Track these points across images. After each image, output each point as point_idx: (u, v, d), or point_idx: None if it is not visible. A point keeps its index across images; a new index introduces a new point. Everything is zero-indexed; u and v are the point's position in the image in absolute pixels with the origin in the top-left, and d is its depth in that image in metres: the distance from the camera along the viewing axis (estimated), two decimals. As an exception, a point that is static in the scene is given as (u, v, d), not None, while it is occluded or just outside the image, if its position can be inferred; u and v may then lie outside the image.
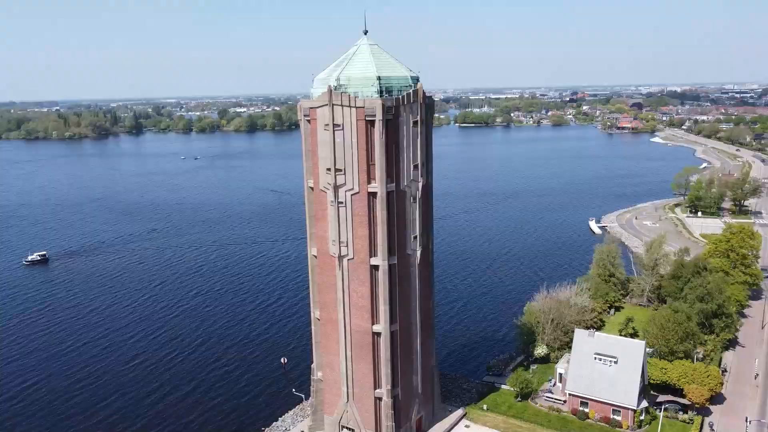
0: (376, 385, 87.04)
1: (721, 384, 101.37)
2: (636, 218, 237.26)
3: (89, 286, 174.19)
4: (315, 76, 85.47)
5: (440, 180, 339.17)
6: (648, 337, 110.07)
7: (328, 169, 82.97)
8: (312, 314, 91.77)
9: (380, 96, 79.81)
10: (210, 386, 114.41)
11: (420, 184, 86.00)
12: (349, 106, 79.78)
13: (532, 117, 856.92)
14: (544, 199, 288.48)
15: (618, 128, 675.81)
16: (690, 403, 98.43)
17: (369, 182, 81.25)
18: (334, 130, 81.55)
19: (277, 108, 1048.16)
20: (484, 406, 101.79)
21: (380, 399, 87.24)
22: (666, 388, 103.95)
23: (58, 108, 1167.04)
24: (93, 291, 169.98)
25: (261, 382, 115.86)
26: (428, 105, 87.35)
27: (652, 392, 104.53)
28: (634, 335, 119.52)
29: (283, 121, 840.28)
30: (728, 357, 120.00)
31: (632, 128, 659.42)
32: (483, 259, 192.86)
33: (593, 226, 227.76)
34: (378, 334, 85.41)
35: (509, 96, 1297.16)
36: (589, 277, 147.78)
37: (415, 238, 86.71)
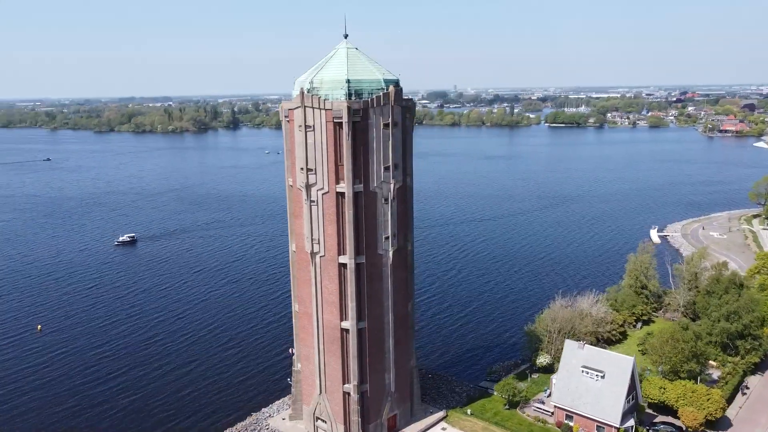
0: (345, 380, 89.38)
1: (723, 409, 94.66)
2: (703, 228, 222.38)
3: (170, 265, 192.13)
4: (296, 79, 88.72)
5: (504, 181, 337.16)
6: (652, 355, 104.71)
7: (302, 169, 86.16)
8: (292, 307, 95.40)
9: (349, 98, 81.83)
10: (218, 368, 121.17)
11: (392, 186, 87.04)
12: (320, 109, 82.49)
13: (628, 118, 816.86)
14: (609, 204, 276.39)
15: (720, 131, 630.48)
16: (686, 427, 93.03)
17: (338, 182, 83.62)
18: (306, 131, 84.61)
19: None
20: (468, 411, 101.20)
21: (348, 394, 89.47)
22: (667, 409, 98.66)
23: (170, 103, 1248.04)
24: (173, 269, 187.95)
25: (267, 369, 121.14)
26: (405, 107, 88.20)
27: (650, 411, 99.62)
28: (646, 352, 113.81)
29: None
30: (754, 381, 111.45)
31: (736, 131, 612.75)
32: (517, 263, 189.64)
33: (653, 235, 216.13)
34: (346, 331, 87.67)
35: (612, 95, 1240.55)
36: (619, 288, 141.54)
37: (387, 238, 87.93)
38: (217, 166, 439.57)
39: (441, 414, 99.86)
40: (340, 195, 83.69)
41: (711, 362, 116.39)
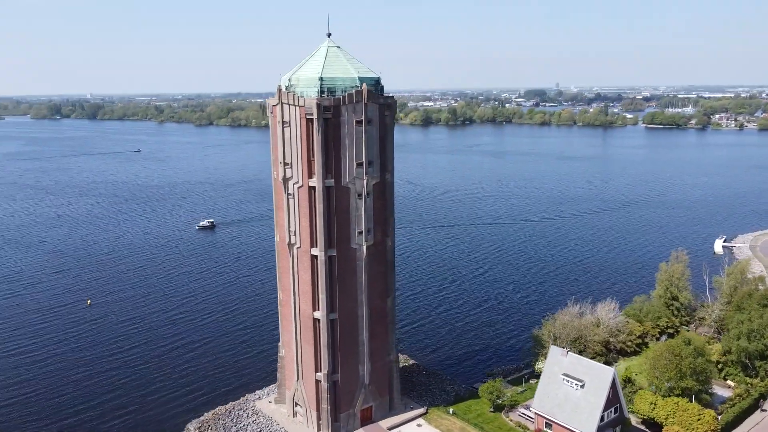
0: (317, 368, 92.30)
1: (714, 431, 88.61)
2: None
3: (247, 249, 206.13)
4: (281, 75, 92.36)
5: (572, 183, 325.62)
6: (648, 369, 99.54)
7: (281, 163, 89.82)
8: (278, 296, 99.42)
9: (322, 95, 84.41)
10: (229, 351, 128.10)
11: (366, 182, 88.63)
12: (295, 105, 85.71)
13: (735, 120, 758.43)
14: (677, 210, 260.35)
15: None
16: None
17: (310, 176, 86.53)
18: (283, 127, 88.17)
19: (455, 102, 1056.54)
20: (450, 410, 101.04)
21: (320, 382, 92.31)
22: (657, 426, 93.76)
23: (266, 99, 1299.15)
24: (249, 252, 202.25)
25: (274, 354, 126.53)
26: (383, 105, 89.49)
27: (640, 427, 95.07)
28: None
29: (457, 116, 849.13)
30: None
31: None
32: (550, 266, 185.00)
33: (717, 245, 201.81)
34: (318, 321, 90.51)
35: (726, 95, 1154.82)
36: (645, 299, 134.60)
37: (360, 233, 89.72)
38: None
39: (421, 410, 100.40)
40: (312, 189, 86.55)
41: (729, 382, 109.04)
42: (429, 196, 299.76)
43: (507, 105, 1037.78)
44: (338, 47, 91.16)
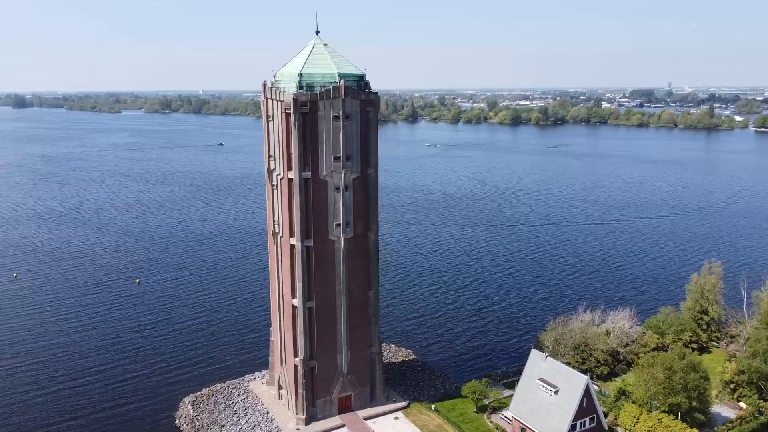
0: (296, 354, 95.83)
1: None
2: None
3: None
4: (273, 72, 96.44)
5: (643, 187, 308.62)
6: (636, 381, 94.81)
7: (268, 155, 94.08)
8: (269, 282, 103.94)
9: (300, 91, 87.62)
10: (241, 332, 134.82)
11: (344, 176, 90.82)
12: (277, 100, 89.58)
13: None
14: (750, 220, 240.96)
15: None
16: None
17: (290, 169, 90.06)
18: (268, 121, 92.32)
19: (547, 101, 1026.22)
20: (433, 406, 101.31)
21: (297, 367, 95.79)
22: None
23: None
24: None
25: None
26: (365, 101, 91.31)
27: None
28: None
29: (548, 115, 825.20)
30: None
31: None
32: (584, 270, 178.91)
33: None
34: (296, 308, 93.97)
35: None
36: (671, 310, 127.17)
37: (338, 225, 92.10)
38: (391, 159, 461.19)
39: (402, 404, 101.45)
40: (291, 181, 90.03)
41: (741, 404, 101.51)
42: (488, 195, 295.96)
43: (605, 105, 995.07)
44: (324, 44, 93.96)
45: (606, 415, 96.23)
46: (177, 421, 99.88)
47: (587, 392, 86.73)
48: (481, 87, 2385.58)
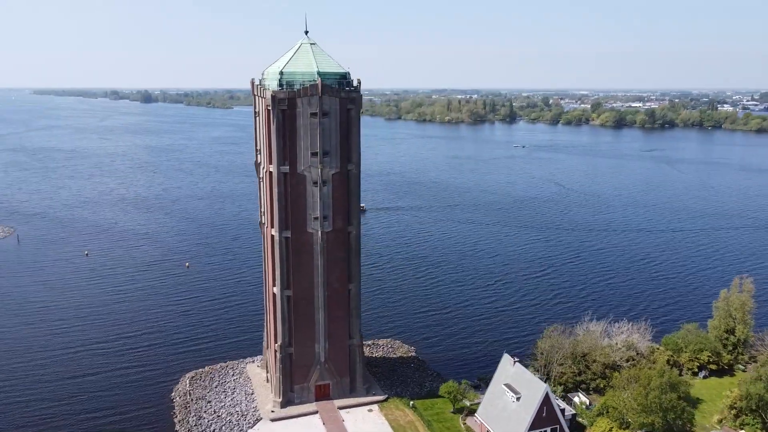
0: (276, 339, 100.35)
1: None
2: None
3: (394, 232, 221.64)
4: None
5: (726, 197, 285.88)
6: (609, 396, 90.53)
7: (256, 149, 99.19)
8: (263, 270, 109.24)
9: (281, 89, 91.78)
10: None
11: (322, 171, 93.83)
12: (261, 97, 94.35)
13: None
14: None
15: None
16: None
17: (271, 162, 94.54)
18: (255, 117, 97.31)
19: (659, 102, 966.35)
20: (411, 403, 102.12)
21: (276, 352, 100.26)
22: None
23: (475, 96, 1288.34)
24: (399, 235, 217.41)
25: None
26: (345, 99, 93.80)
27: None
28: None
29: (655, 118, 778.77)
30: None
31: None
32: (616, 278, 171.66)
33: None
34: (276, 296, 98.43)
35: None
36: (695, 327, 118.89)
37: (316, 219, 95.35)
38: (449, 156, 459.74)
39: (380, 398, 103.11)
40: (272, 174, 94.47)
41: (740, 431, 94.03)
42: (552, 198, 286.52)
43: (724, 107, 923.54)
44: (312, 44, 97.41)
45: (584, 428, 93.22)
46: (173, 393, 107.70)
47: (546, 401, 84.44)
48: (594, 87, 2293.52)
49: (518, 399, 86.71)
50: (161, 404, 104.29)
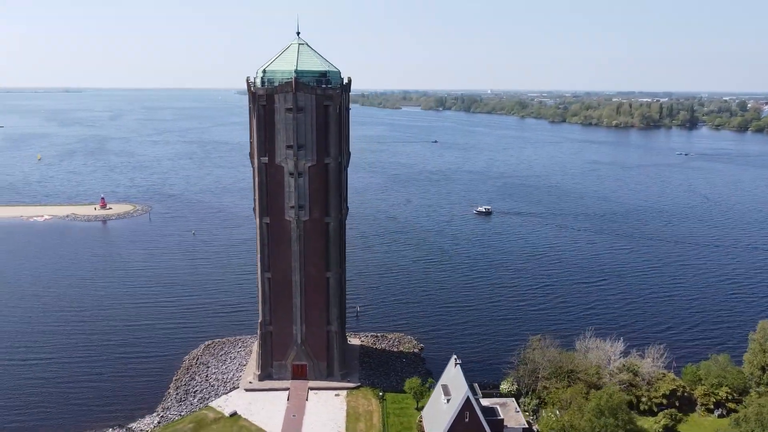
0: (259, 316, 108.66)
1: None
2: None
3: (522, 237, 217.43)
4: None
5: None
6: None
7: (249, 141, 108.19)
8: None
9: (263, 86, 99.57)
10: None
11: (297, 162, 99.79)
12: (249, 93, 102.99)
13: None
14: None
15: None
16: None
17: (252, 154, 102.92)
18: (249, 112, 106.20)
19: None
20: (380, 394, 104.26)
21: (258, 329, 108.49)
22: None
23: (659, 99, 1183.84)
24: (524, 241, 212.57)
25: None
26: (322, 96, 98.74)
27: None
28: None
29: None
30: None
31: None
32: (646, 289, 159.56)
33: None
34: (258, 276, 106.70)
35: None
36: (723, 359, 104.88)
37: (292, 208, 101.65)
38: (596, 161, 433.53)
39: (352, 385, 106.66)
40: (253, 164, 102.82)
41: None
42: (677, 212, 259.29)
43: None
44: (301, 44, 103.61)
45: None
46: (187, 355, 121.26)
47: (468, 406, 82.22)
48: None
49: (448, 401, 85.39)
50: (174, 363, 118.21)
